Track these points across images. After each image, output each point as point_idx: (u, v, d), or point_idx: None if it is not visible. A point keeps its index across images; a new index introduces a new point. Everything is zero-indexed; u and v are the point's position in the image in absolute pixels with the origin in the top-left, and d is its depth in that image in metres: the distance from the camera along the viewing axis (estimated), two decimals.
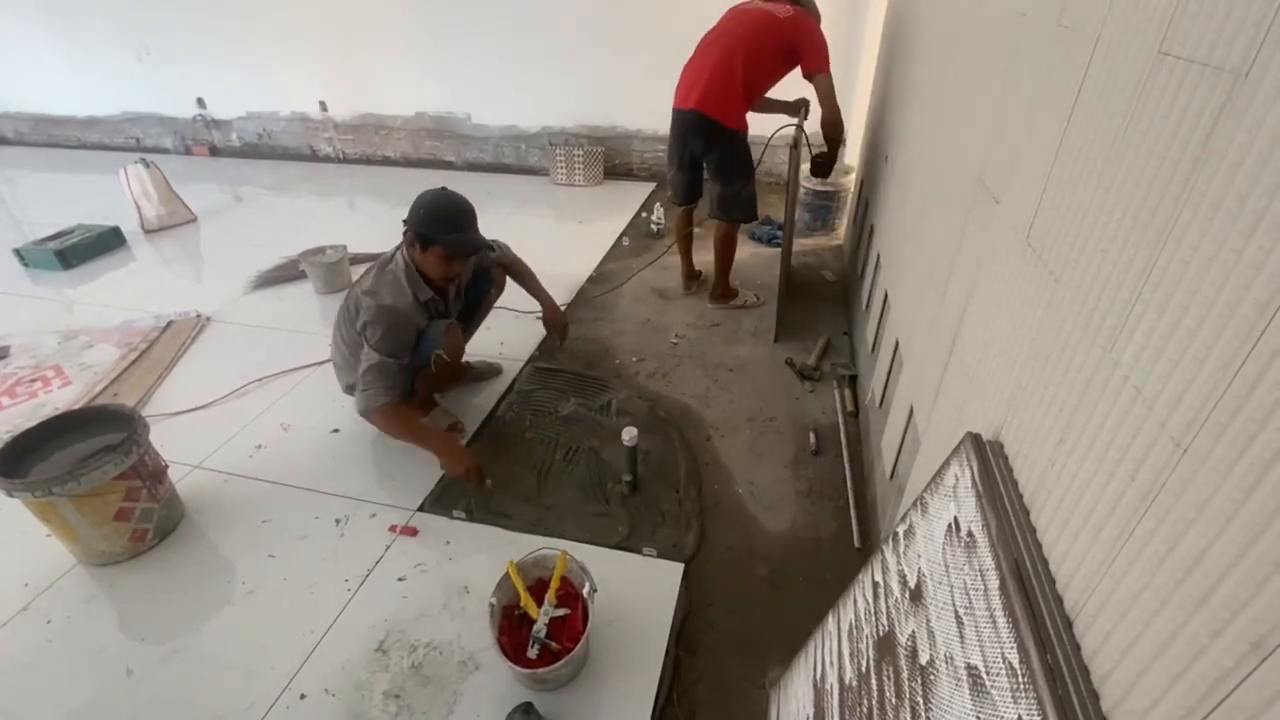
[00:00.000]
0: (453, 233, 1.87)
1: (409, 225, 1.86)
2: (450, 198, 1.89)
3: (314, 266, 3.13)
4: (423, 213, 1.84)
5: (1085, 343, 0.70)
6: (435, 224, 1.85)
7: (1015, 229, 0.96)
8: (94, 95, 5.69)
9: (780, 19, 2.48)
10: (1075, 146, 0.81)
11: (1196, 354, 0.51)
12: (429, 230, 1.84)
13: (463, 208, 1.90)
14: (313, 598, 1.63)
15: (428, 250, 1.86)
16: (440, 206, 1.86)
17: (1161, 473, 0.53)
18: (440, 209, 1.86)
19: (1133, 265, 0.63)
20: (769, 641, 1.52)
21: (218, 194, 4.76)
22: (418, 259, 1.89)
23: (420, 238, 1.85)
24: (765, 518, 1.87)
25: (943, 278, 1.36)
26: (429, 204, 1.85)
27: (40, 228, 3.76)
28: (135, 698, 1.42)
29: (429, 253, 1.87)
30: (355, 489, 1.96)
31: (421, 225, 1.84)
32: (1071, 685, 0.59)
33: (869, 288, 2.53)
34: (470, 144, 5.19)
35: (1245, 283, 0.47)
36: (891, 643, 0.87)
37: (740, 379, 2.50)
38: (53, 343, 2.75)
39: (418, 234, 1.84)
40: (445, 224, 1.86)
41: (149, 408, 2.34)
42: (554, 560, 1.51)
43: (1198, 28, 0.57)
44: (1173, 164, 0.58)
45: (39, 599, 1.64)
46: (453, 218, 1.88)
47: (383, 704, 1.39)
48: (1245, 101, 0.50)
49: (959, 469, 0.87)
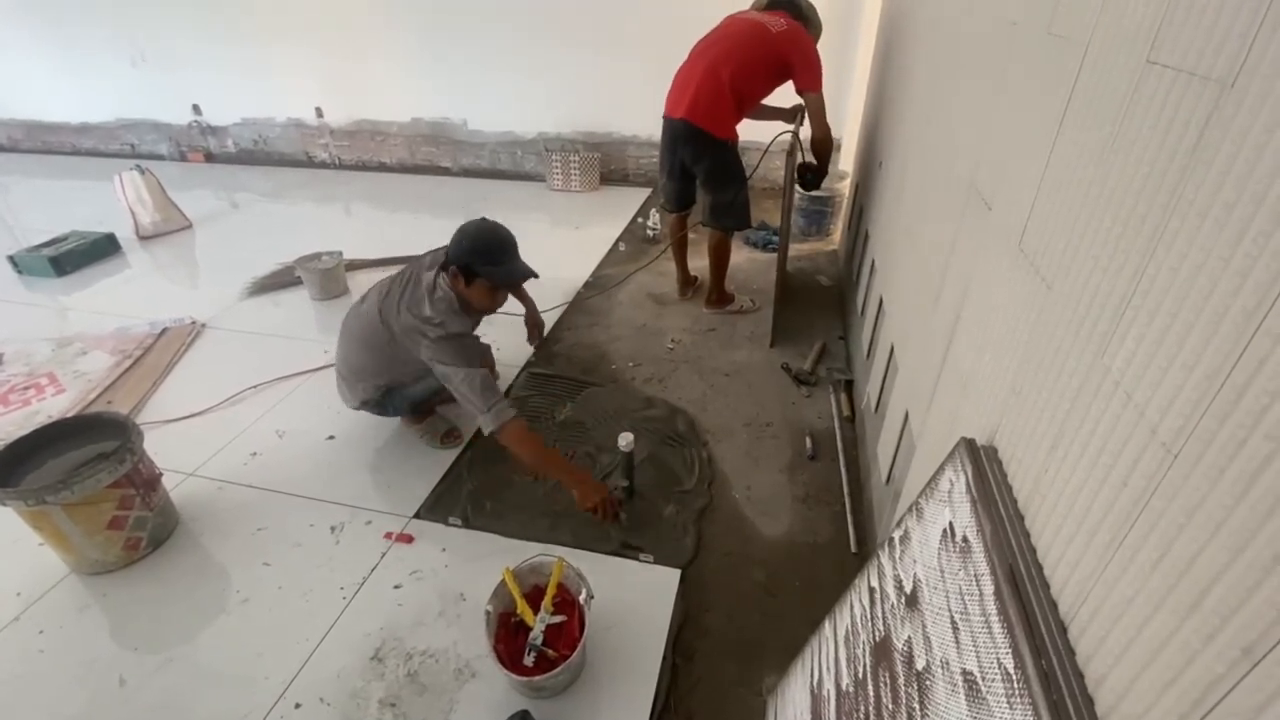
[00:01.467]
0: (498, 264, 1.85)
1: (452, 260, 1.84)
2: (492, 228, 1.88)
3: (310, 273, 3.13)
4: (467, 243, 1.82)
5: (1077, 349, 0.70)
6: (480, 256, 1.83)
7: (1007, 235, 0.97)
8: (88, 101, 5.69)
9: (773, 33, 2.47)
10: (1066, 154, 0.81)
11: (1186, 360, 0.52)
12: (474, 262, 1.82)
13: (505, 238, 1.89)
14: (308, 606, 1.62)
15: (473, 283, 1.85)
16: (484, 238, 1.85)
17: (1153, 478, 0.54)
18: (484, 241, 1.85)
19: (1123, 272, 0.63)
20: (766, 647, 1.52)
21: (213, 200, 4.75)
22: (461, 290, 1.86)
23: (465, 270, 1.83)
24: (762, 523, 1.87)
25: (936, 283, 1.37)
26: (473, 236, 1.83)
27: (34, 234, 3.74)
28: (129, 708, 1.41)
29: (474, 285, 1.85)
30: (351, 496, 1.95)
31: (467, 258, 1.82)
32: (1066, 690, 0.59)
33: (864, 293, 2.54)
34: (466, 150, 5.20)
35: (1233, 290, 0.47)
36: (888, 648, 0.87)
37: (736, 384, 2.51)
38: (46, 350, 2.73)
39: (462, 267, 1.82)
40: (490, 256, 1.84)
41: (143, 415, 2.33)
42: (550, 567, 1.50)
43: (1185, 37, 0.58)
44: (1161, 172, 0.59)
45: (31, 609, 1.63)
46: (498, 249, 1.86)
47: (378, 712, 1.38)
48: (1231, 110, 0.50)
49: (954, 474, 0.87)
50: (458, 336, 1.82)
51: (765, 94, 2.67)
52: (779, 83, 2.60)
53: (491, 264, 1.84)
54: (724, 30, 2.59)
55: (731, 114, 2.57)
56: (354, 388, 2.05)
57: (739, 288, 3.17)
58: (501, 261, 1.86)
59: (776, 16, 2.51)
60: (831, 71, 4.20)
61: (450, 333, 1.81)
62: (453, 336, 1.81)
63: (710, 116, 2.54)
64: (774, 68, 2.53)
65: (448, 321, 1.81)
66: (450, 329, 1.81)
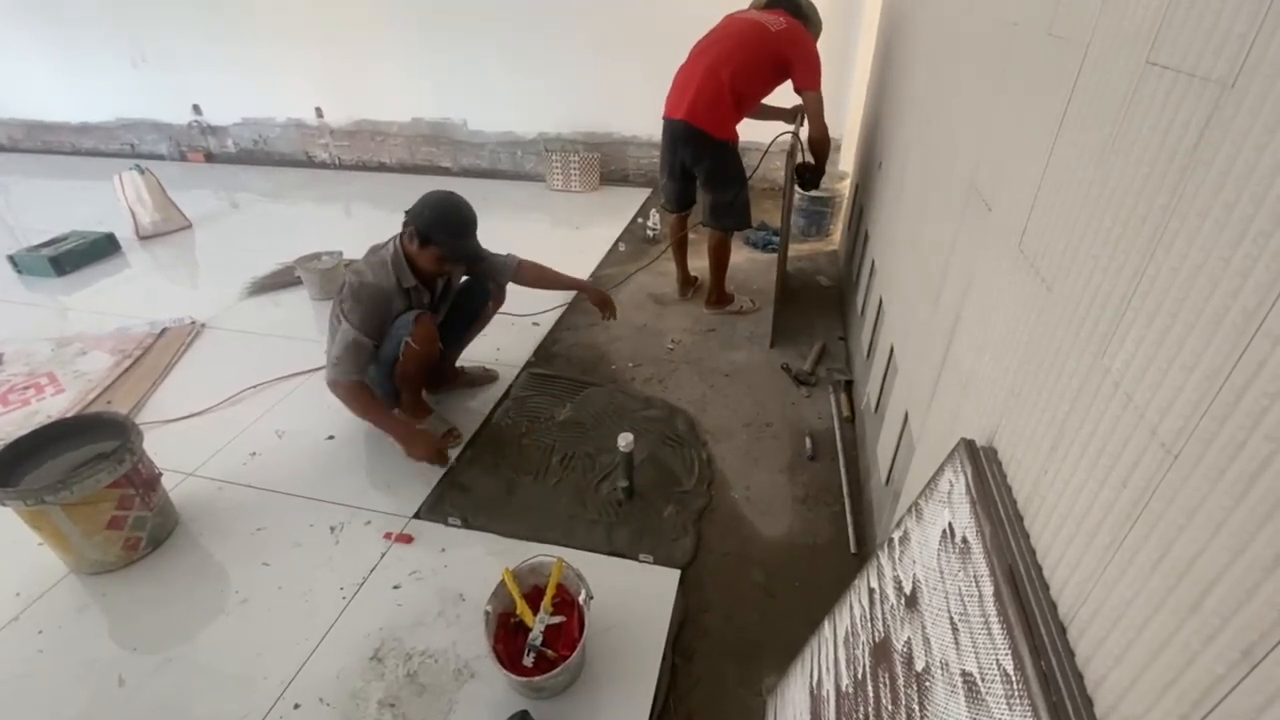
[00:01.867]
0: (453, 238, 1.93)
1: (411, 219, 1.91)
2: (456, 204, 1.95)
3: (310, 273, 3.13)
4: (428, 213, 1.90)
5: (1077, 349, 0.70)
6: (438, 226, 1.90)
7: (1007, 236, 0.97)
8: (89, 101, 5.69)
9: (772, 32, 2.47)
10: (1066, 155, 0.81)
11: (1186, 361, 0.52)
12: (430, 230, 1.90)
13: (467, 216, 1.97)
14: (307, 606, 1.62)
15: (425, 247, 1.92)
16: (446, 210, 1.92)
17: (1152, 480, 0.54)
18: (446, 213, 1.92)
19: (1123, 273, 0.63)
20: (765, 648, 1.52)
21: (213, 200, 4.75)
22: (413, 251, 1.94)
23: (420, 234, 1.90)
24: (761, 523, 1.87)
25: (936, 284, 1.37)
26: (436, 205, 1.91)
27: (34, 234, 3.74)
28: (128, 708, 1.41)
29: (426, 250, 1.92)
30: (350, 496, 1.95)
31: (424, 223, 1.89)
32: (1065, 692, 0.59)
33: (864, 293, 2.54)
34: (466, 150, 5.20)
35: (1233, 290, 0.47)
36: (887, 649, 0.87)
37: (736, 384, 2.51)
38: (46, 350, 2.73)
39: (418, 230, 1.89)
40: (447, 228, 1.92)
41: (143, 415, 2.33)
42: (550, 567, 1.50)
43: (1185, 38, 0.58)
44: (1161, 173, 0.59)
45: (30, 609, 1.63)
46: (456, 224, 1.94)
47: (378, 713, 1.38)
48: (1231, 111, 0.50)
49: (953, 475, 0.87)
50: (367, 287, 1.89)
51: (765, 93, 2.67)
52: (779, 82, 2.60)
53: (449, 235, 1.92)
54: (723, 30, 2.59)
55: (731, 114, 2.57)
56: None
57: (739, 288, 3.17)
58: (460, 236, 1.94)
59: (776, 15, 2.51)
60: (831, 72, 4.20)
61: (363, 282, 1.88)
62: (362, 286, 1.88)
63: (710, 117, 2.54)
64: (773, 67, 2.53)
65: (366, 272, 1.90)
66: (365, 278, 1.88)
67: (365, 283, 1.89)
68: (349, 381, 1.91)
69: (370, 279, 1.89)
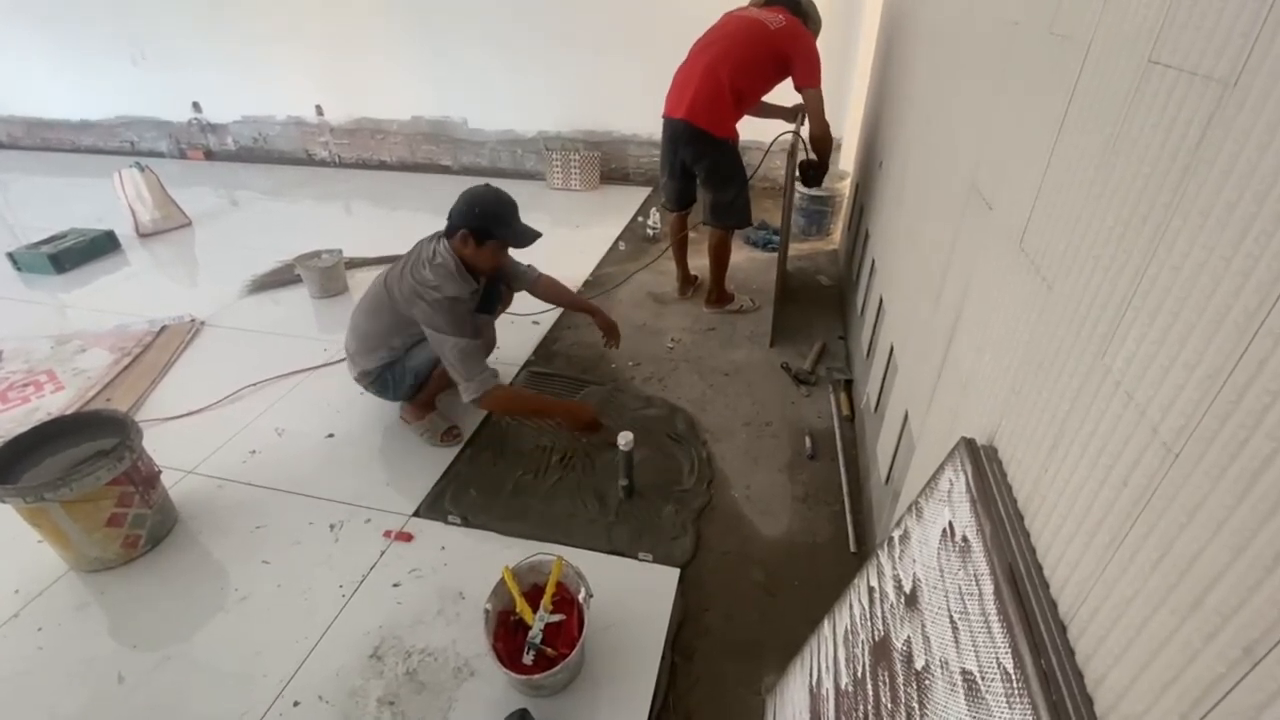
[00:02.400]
0: (508, 226, 1.98)
1: (460, 223, 1.92)
2: (498, 194, 1.99)
3: (310, 271, 3.13)
4: (479, 210, 1.93)
5: (1078, 348, 0.70)
6: (494, 220, 1.94)
7: (1008, 235, 0.97)
8: (88, 99, 5.68)
9: (771, 30, 2.47)
10: (1067, 154, 0.81)
11: (1187, 360, 0.52)
12: (489, 225, 1.93)
13: (512, 202, 2.01)
14: (307, 604, 1.62)
15: (484, 244, 1.94)
16: (494, 204, 1.97)
17: (1153, 478, 0.54)
18: (495, 206, 1.96)
19: (1124, 272, 0.63)
20: (765, 647, 1.52)
21: (213, 198, 4.75)
22: (469, 253, 1.95)
23: (477, 233, 1.92)
24: (761, 522, 1.87)
25: (937, 283, 1.37)
26: (483, 201, 1.95)
27: (33, 231, 3.74)
28: (127, 705, 1.41)
29: (484, 247, 1.95)
30: (350, 494, 1.95)
31: (479, 222, 1.92)
32: (1066, 690, 0.59)
33: (864, 292, 2.54)
34: (466, 148, 5.19)
35: (1235, 289, 0.47)
36: (887, 648, 0.87)
37: (736, 383, 2.51)
38: (45, 347, 2.73)
39: (472, 230, 1.91)
40: (502, 220, 1.96)
41: (142, 412, 2.33)
42: (549, 566, 1.50)
43: (1187, 37, 0.58)
44: (1163, 172, 0.59)
45: (30, 606, 1.63)
46: (509, 213, 1.99)
47: (377, 711, 1.38)
48: (1234, 110, 0.50)
49: (953, 474, 0.87)
50: (452, 301, 1.90)
51: (765, 92, 2.66)
52: (779, 80, 2.60)
53: (505, 225, 1.96)
54: (722, 28, 2.59)
55: (731, 113, 2.57)
56: (358, 358, 2.12)
57: (739, 287, 3.16)
58: (513, 223, 1.98)
59: (775, 13, 2.51)
60: (832, 71, 4.19)
61: (446, 296, 1.89)
62: (448, 300, 1.89)
63: (709, 116, 2.53)
64: (773, 65, 2.53)
65: (444, 285, 1.90)
66: (446, 292, 1.89)
67: (448, 296, 1.89)
68: (495, 388, 1.94)
69: (452, 292, 1.90)
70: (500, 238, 1.96)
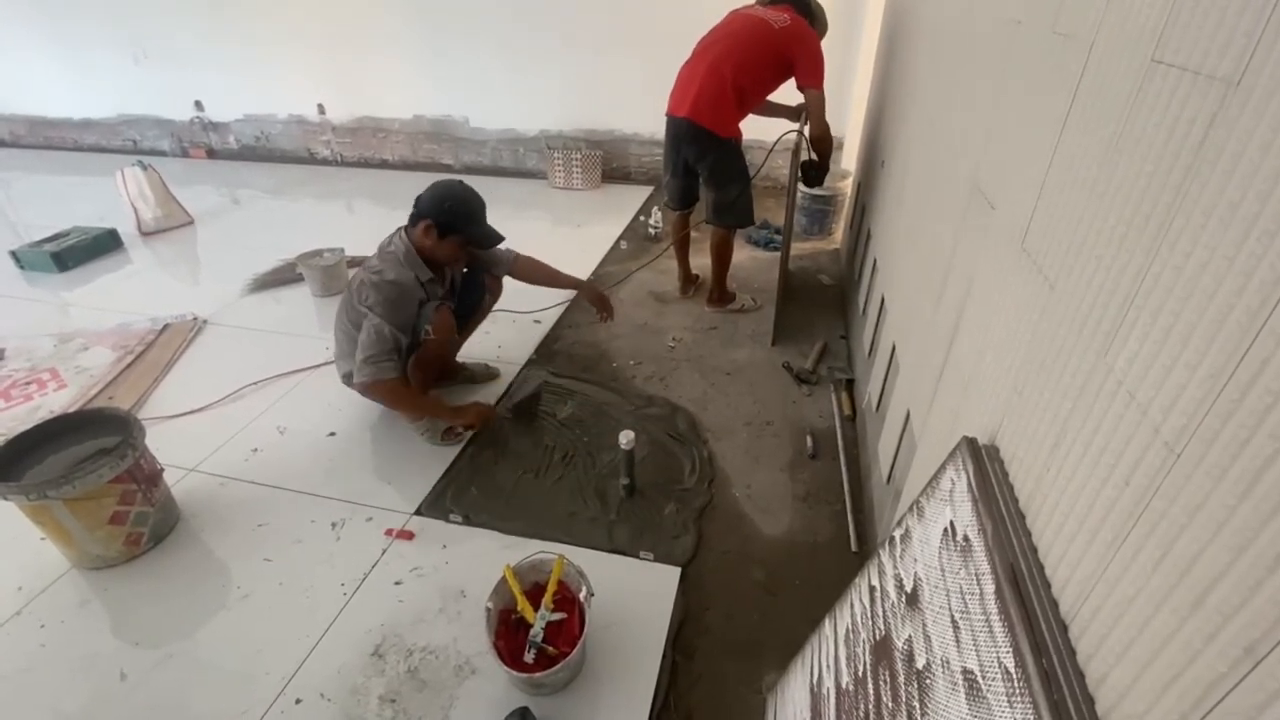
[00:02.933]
0: (474, 225, 2.00)
1: (427, 214, 1.93)
2: (469, 192, 2.01)
3: (311, 269, 3.13)
4: (448, 204, 1.94)
5: (1080, 348, 0.70)
6: (460, 216, 1.96)
7: (1010, 235, 0.97)
8: (90, 97, 5.68)
9: (775, 29, 2.46)
10: (1070, 153, 0.81)
11: (1189, 360, 0.52)
12: (454, 220, 1.94)
13: (480, 202, 2.04)
14: (308, 602, 1.62)
15: (445, 238, 1.95)
16: (463, 200, 1.98)
17: (1155, 478, 0.54)
18: (463, 202, 1.98)
19: (1127, 271, 0.63)
20: (766, 646, 1.52)
21: (215, 196, 4.75)
22: (429, 245, 1.96)
23: (440, 226, 1.93)
24: (762, 521, 1.87)
25: (939, 282, 1.37)
26: (451, 196, 1.96)
27: (36, 230, 3.74)
28: (129, 703, 1.41)
29: (446, 240, 1.96)
30: (352, 492, 1.95)
31: (444, 215, 1.93)
32: (1067, 689, 0.59)
33: (866, 292, 2.53)
34: (468, 147, 5.19)
35: (1237, 289, 0.47)
36: (888, 647, 0.87)
37: (737, 383, 2.50)
38: (48, 345, 2.74)
39: (436, 222, 1.92)
40: (468, 217, 1.98)
41: (145, 411, 2.33)
42: (551, 564, 1.50)
43: (1190, 37, 0.58)
44: (1166, 171, 0.59)
45: (32, 603, 1.63)
46: (473, 211, 2.00)
47: (378, 708, 1.38)
48: (1237, 109, 0.50)
49: (955, 473, 0.87)
50: (391, 284, 1.91)
51: (769, 91, 2.66)
52: (783, 79, 2.59)
53: (470, 222, 1.99)
54: (726, 27, 2.59)
55: (734, 112, 2.57)
56: (340, 360, 2.15)
57: (740, 286, 3.16)
58: (481, 221, 2.02)
59: (780, 12, 2.50)
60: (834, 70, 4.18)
61: (385, 279, 1.91)
62: (386, 283, 1.91)
63: (713, 115, 2.53)
64: (776, 64, 2.52)
65: (386, 269, 1.93)
66: (386, 276, 1.91)
67: (388, 279, 1.91)
68: (389, 380, 1.92)
69: (392, 275, 1.91)
70: (464, 234, 1.98)
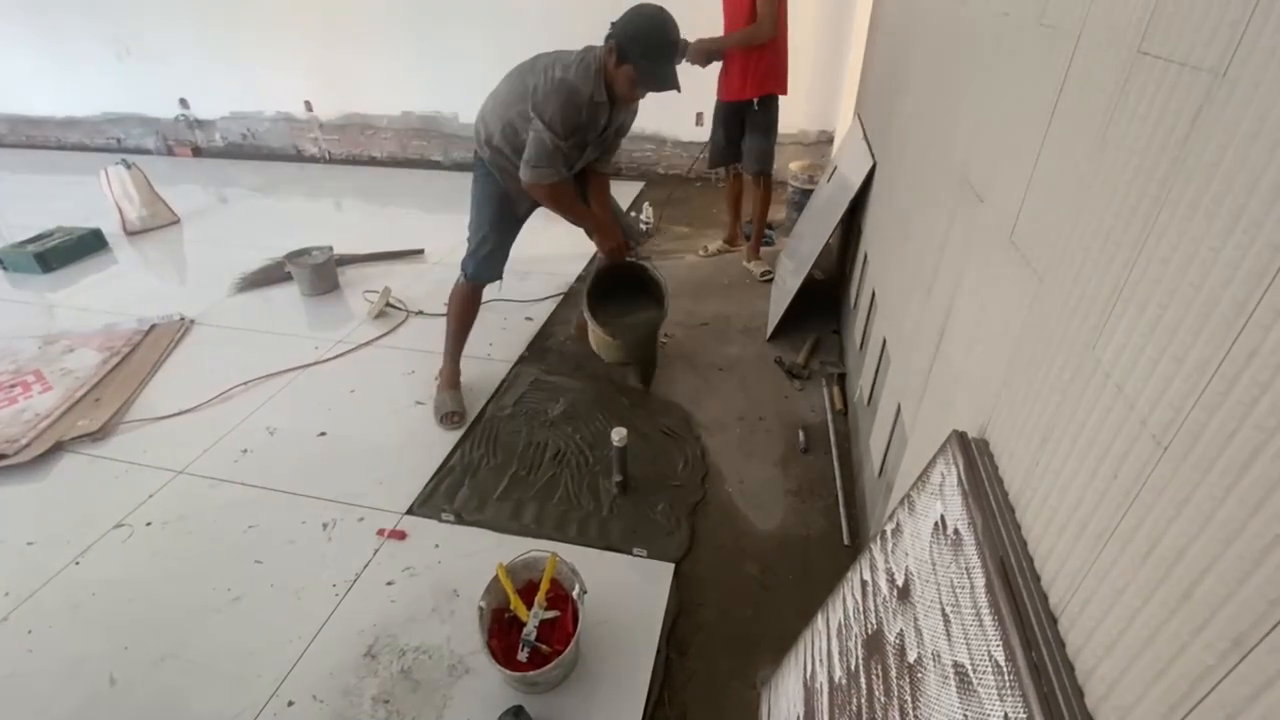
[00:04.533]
0: (650, 61, 1.81)
1: (613, 34, 1.80)
2: (663, 22, 1.81)
3: (300, 268, 3.10)
4: (630, 28, 1.78)
5: (1068, 341, 0.70)
6: (638, 44, 1.78)
7: (999, 228, 0.97)
8: (73, 95, 5.60)
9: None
10: (1057, 145, 0.81)
11: (1176, 352, 0.52)
12: (629, 47, 1.78)
13: (671, 37, 1.83)
14: (300, 603, 1.61)
15: (621, 66, 1.81)
16: (650, 28, 1.80)
17: (1143, 471, 0.54)
18: (649, 31, 1.79)
19: (1114, 264, 0.63)
20: (759, 641, 1.53)
21: (201, 195, 4.70)
22: (610, 67, 1.83)
23: (619, 50, 1.79)
24: (755, 516, 1.88)
25: (929, 276, 1.37)
26: (642, 22, 1.79)
27: (19, 230, 3.69)
28: (120, 707, 1.40)
29: (621, 69, 1.82)
30: (343, 493, 1.94)
31: (625, 38, 1.78)
32: (1056, 682, 0.59)
33: (857, 286, 2.54)
34: (458, 143, 5.16)
35: (1223, 281, 0.47)
36: (880, 641, 0.87)
37: (730, 378, 2.50)
38: (32, 347, 2.70)
39: (618, 44, 1.79)
40: (647, 49, 1.80)
41: (132, 412, 2.31)
42: (543, 562, 1.50)
43: (1176, 27, 0.58)
44: (1152, 163, 0.59)
45: (20, 608, 1.61)
46: (658, 45, 1.81)
47: (371, 709, 1.38)
48: (1223, 101, 0.50)
49: (945, 467, 0.87)
50: (573, 89, 1.79)
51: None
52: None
53: (646, 58, 1.80)
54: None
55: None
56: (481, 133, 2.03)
57: (732, 282, 3.16)
58: (658, 59, 1.82)
59: None
60: (824, 63, 4.19)
61: (565, 79, 1.79)
62: (567, 84, 1.78)
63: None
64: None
65: (573, 73, 1.80)
66: (568, 76, 1.79)
67: (566, 80, 1.78)
68: (547, 183, 1.87)
69: (571, 77, 1.78)
70: (635, 68, 1.80)
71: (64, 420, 2.23)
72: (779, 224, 3.94)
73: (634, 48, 1.78)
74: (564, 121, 1.80)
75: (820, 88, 4.19)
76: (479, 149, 2.06)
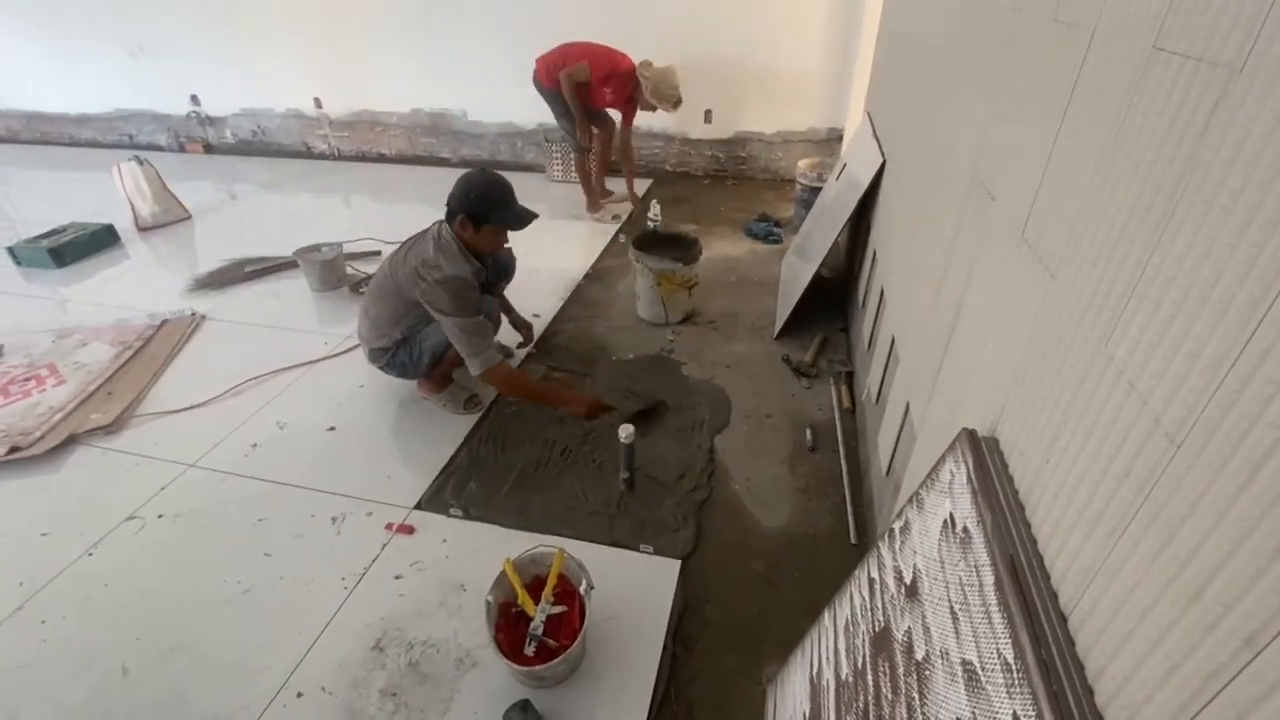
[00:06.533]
0: (506, 210, 2.02)
1: (458, 209, 1.96)
2: (496, 179, 2.02)
3: (309, 264, 3.12)
4: (474, 196, 1.97)
5: (1080, 338, 0.70)
6: (493, 204, 1.99)
7: (1011, 225, 0.96)
8: (87, 92, 5.65)
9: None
10: (1070, 142, 0.80)
11: (1190, 350, 0.51)
12: (488, 210, 1.98)
13: (507, 186, 2.05)
14: (309, 596, 1.62)
15: (482, 229, 1.99)
16: (491, 189, 2.00)
17: (1155, 469, 0.53)
18: (492, 191, 2.00)
19: (1127, 261, 0.63)
20: (766, 638, 1.53)
21: (212, 191, 4.74)
22: (469, 237, 2.00)
23: (475, 218, 1.96)
24: (762, 514, 1.87)
25: (938, 274, 1.36)
26: (479, 187, 1.98)
27: (33, 226, 3.73)
28: (131, 697, 1.42)
29: (483, 230, 1.99)
30: (352, 487, 1.95)
31: (475, 207, 1.96)
32: (1066, 680, 0.59)
33: (865, 284, 2.53)
34: (466, 140, 5.17)
35: (1239, 278, 0.47)
36: (887, 639, 0.87)
37: (737, 376, 2.50)
38: (46, 341, 2.73)
39: (471, 215, 1.95)
40: (498, 204, 2.00)
41: (143, 407, 2.33)
42: (551, 557, 1.50)
43: (1192, 23, 0.57)
44: (1168, 160, 0.58)
45: (33, 599, 1.63)
46: (502, 197, 2.02)
47: (379, 702, 1.39)
48: (1240, 97, 0.50)
49: (954, 465, 0.87)
50: (454, 279, 1.94)
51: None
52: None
53: (502, 209, 2.01)
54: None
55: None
56: (372, 341, 2.15)
57: (740, 279, 3.16)
58: (509, 206, 2.03)
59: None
60: (835, 60, 4.17)
61: (447, 275, 1.93)
62: (449, 279, 1.93)
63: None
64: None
65: (445, 265, 1.94)
66: (447, 271, 1.93)
67: (449, 275, 1.93)
68: (497, 365, 2.00)
69: (452, 270, 1.94)
70: (497, 222, 2.00)
71: (77, 413, 2.26)
72: (785, 220, 3.93)
73: (486, 208, 1.97)
74: (465, 305, 1.96)
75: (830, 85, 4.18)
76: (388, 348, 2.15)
